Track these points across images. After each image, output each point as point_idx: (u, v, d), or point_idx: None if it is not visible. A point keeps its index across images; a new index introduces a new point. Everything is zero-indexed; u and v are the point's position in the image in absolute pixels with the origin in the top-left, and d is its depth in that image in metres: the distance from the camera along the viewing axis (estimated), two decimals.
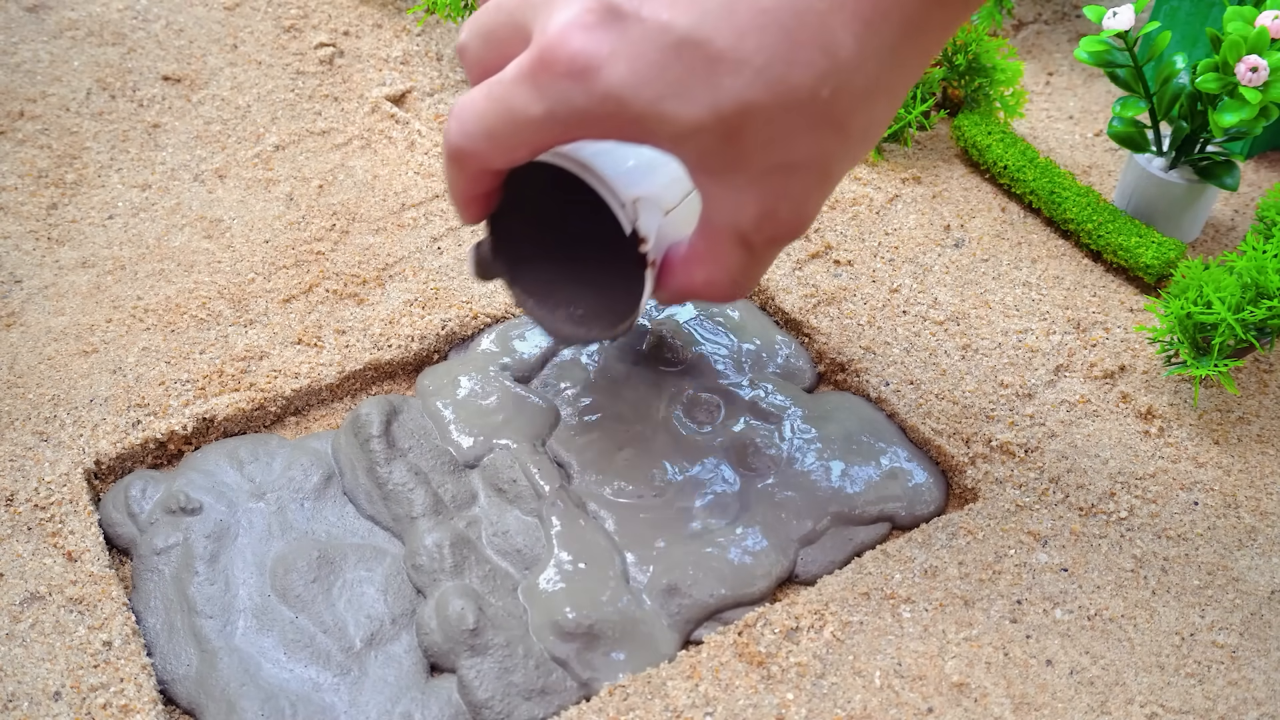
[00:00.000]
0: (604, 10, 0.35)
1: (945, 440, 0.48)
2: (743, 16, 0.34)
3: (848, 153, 0.37)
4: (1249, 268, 0.48)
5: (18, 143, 0.61)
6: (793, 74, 0.34)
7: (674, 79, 0.34)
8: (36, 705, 0.38)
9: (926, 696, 0.39)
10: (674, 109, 0.34)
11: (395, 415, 0.47)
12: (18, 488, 0.44)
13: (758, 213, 0.37)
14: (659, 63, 0.34)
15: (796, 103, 0.34)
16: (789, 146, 0.35)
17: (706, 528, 0.45)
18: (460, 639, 0.40)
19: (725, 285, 0.40)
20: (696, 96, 0.34)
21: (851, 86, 0.35)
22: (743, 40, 0.34)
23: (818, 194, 0.38)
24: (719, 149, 0.35)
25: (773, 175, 0.36)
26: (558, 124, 0.36)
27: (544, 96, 0.35)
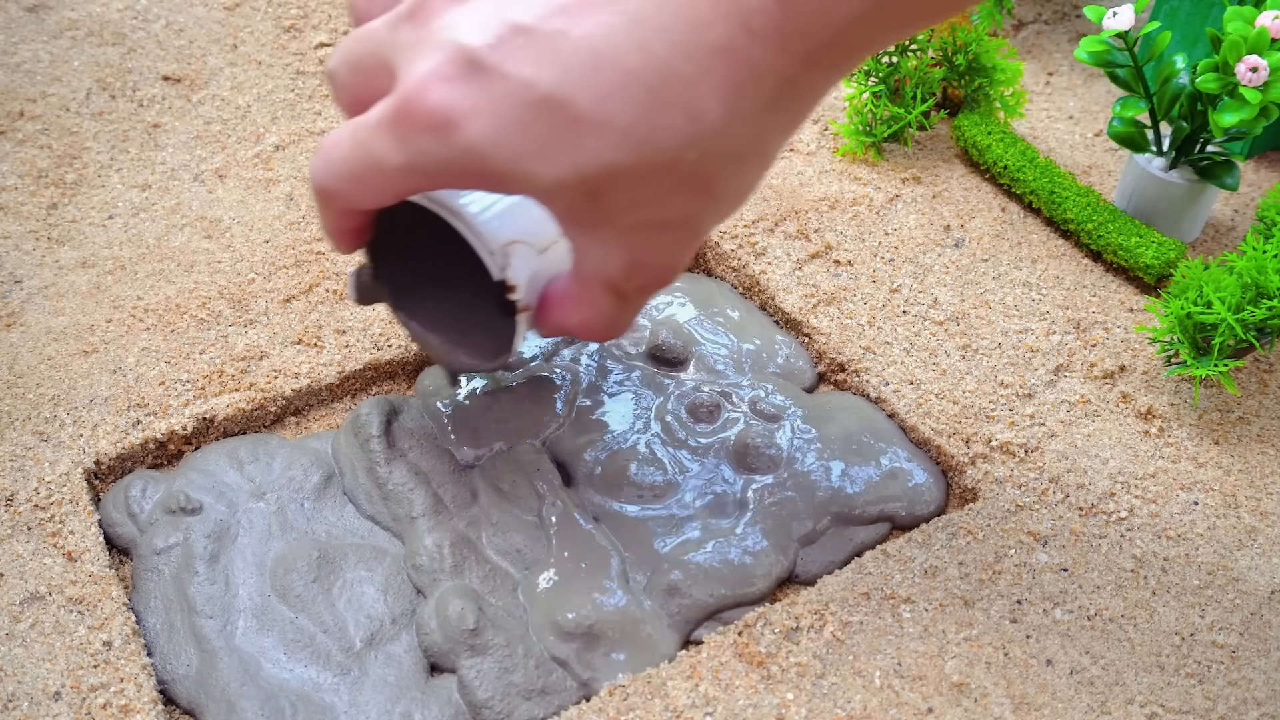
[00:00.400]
0: (465, 62, 0.34)
1: (945, 440, 0.48)
2: (607, 77, 0.33)
3: (716, 211, 0.36)
4: (1249, 268, 0.48)
5: (18, 143, 0.61)
6: (657, 137, 0.33)
7: (536, 138, 0.34)
8: (36, 705, 0.38)
9: (926, 696, 0.39)
10: (536, 168, 0.34)
11: (395, 415, 0.47)
12: (18, 488, 0.44)
13: (625, 264, 0.37)
14: (521, 120, 0.33)
15: (661, 165, 0.34)
16: (655, 206, 0.35)
17: (706, 528, 0.45)
18: (460, 639, 0.40)
19: (599, 328, 0.40)
20: (559, 157, 0.34)
21: (719, 151, 0.34)
22: (606, 102, 0.33)
23: (686, 248, 0.38)
24: (583, 206, 0.35)
25: (639, 231, 0.36)
26: (418, 174, 0.35)
27: (404, 147, 0.35)
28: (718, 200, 0.36)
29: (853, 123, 0.64)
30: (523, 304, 0.40)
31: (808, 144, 0.65)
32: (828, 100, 0.69)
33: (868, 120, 0.64)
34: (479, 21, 0.34)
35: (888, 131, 0.63)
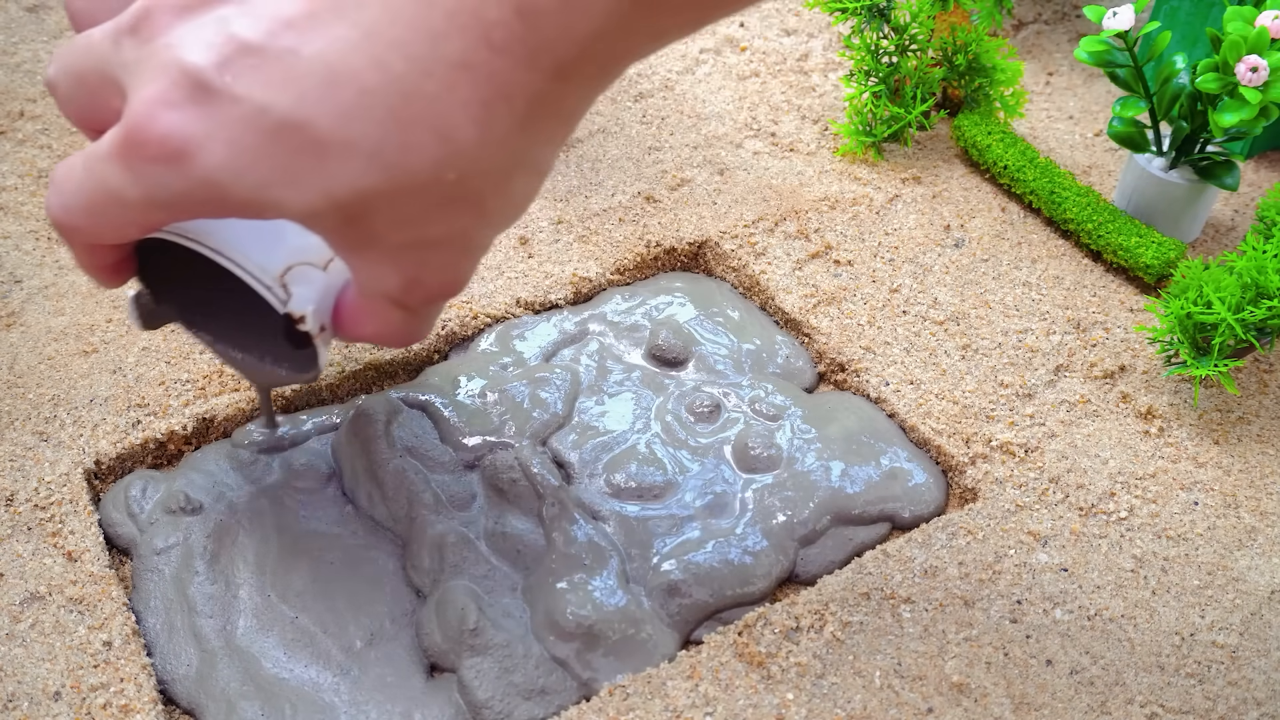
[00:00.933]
0: (191, 86, 0.31)
1: (945, 440, 0.48)
2: (345, 98, 0.31)
3: (488, 226, 0.35)
4: (1249, 268, 0.48)
5: (18, 143, 0.61)
6: (409, 160, 0.32)
7: (279, 165, 0.31)
8: (36, 705, 0.38)
9: (926, 696, 0.39)
10: (283, 196, 0.32)
11: (395, 415, 0.47)
12: (18, 488, 0.44)
13: (403, 282, 0.35)
14: (259, 148, 0.31)
15: (419, 187, 0.32)
16: (421, 226, 0.33)
17: (706, 528, 0.45)
18: (460, 639, 0.40)
19: (395, 338, 0.38)
20: (307, 183, 0.32)
21: (479, 167, 0.32)
22: (347, 124, 0.31)
23: (464, 262, 0.36)
24: (345, 230, 0.33)
25: (410, 250, 0.34)
26: (159, 207, 0.33)
27: (139, 180, 0.32)
28: (487, 215, 0.34)
29: (853, 123, 0.64)
30: (315, 329, 0.37)
31: (808, 144, 0.65)
32: (828, 100, 0.69)
33: (868, 120, 0.64)
34: (204, 40, 0.32)
35: (888, 131, 0.63)
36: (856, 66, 0.64)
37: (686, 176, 0.62)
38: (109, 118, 0.34)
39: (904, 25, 0.63)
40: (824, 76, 0.71)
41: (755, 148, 0.64)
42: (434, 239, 0.34)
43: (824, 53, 0.73)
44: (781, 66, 0.71)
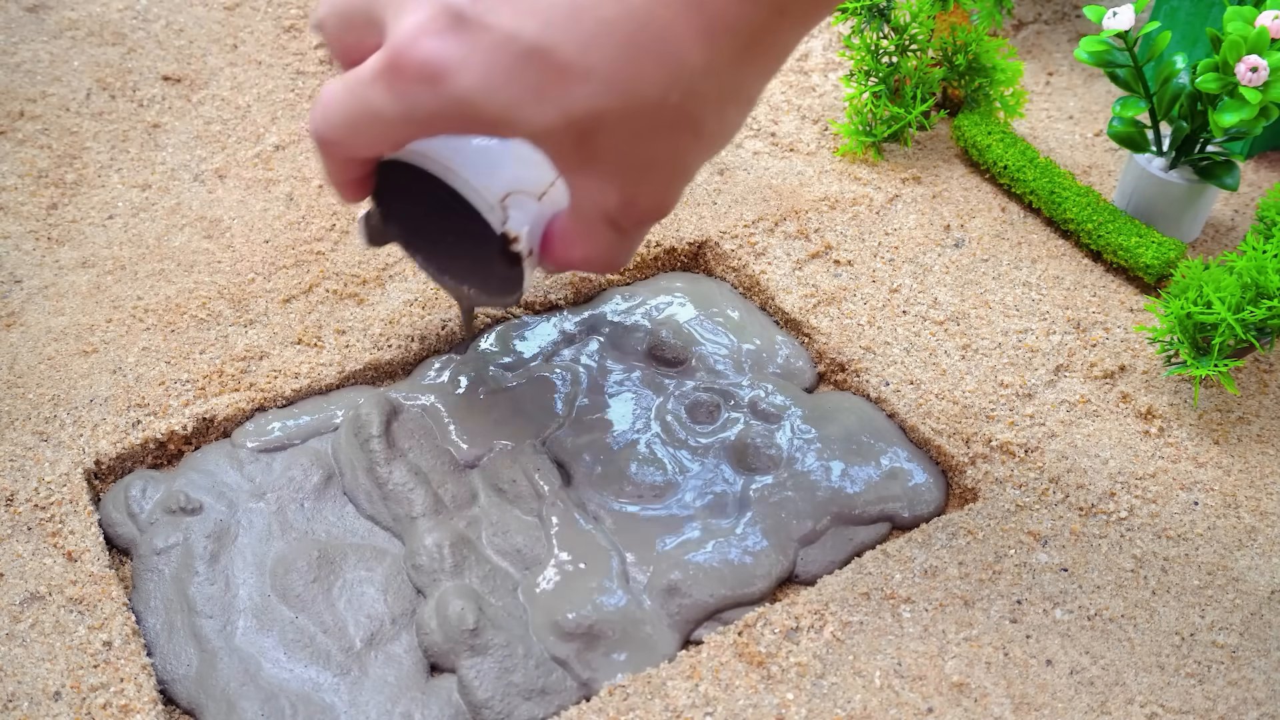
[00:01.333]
0: (450, 17, 0.35)
1: (945, 440, 0.48)
2: (586, 26, 0.35)
3: (702, 150, 0.38)
4: (1249, 268, 0.48)
5: (18, 143, 0.61)
6: (640, 85, 0.35)
7: (525, 86, 0.35)
8: (36, 705, 0.38)
9: (926, 696, 0.39)
10: (526, 115, 0.35)
11: (395, 415, 0.47)
12: (18, 488, 0.44)
13: (619, 201, 0.38)
14: (508, 70, 0.35)
15: (646, 109, 0.35)
16: (642, 147, 0.37)
17: (706, 528, 0.45)
18: (460, 639, 0.40)
19: (601, 261, 0.42)
20: (548, 103, 0.35)
21: (700, 93, 0.36)
22: (588, 51, 0.35)
23: (676, 184, 0.39)
24: (574, 149, 0.36)
25: (629, 170, 0.38)
26: (413, 123, 0.37)
27: (398, 99, 0.36)
28: (702, 139, 0.37)
29: (853, 123, 0.64)
30: (525, 250, 0.41)
31: (808, 144, 0.65)
32: (828, 100, 0.69)
33: (868, 120, 0.64)
34: None
35: (888, 131, 0.63)
36: (856, 66, 0.64)
37: None
38: (368, 53, 0.38)
39: (904, 25, 0.63)
40: (824, 76, 0.71)
41: (755, 148, 0.64)
42: (652, 159, 0.37)
43: (824, 53, 0.73)
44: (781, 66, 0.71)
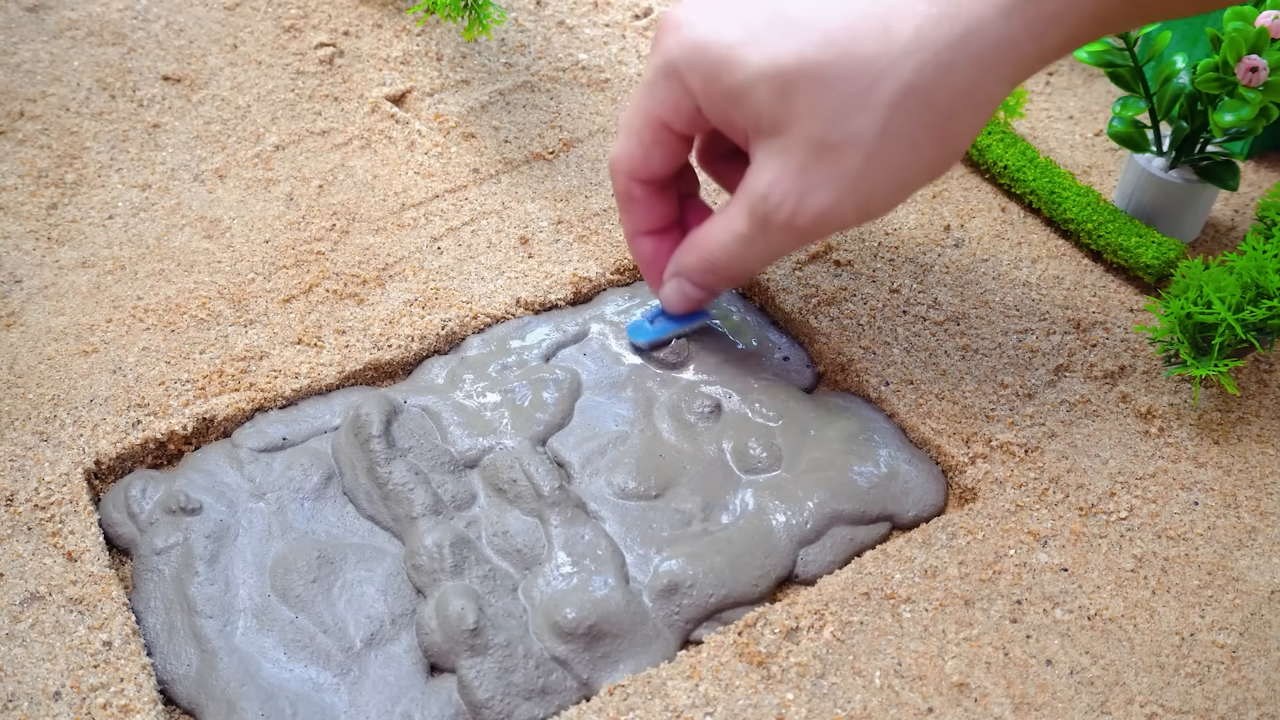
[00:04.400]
0: (704, 2, 0.41)
1: (945, 440, 0.48)
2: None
3: (884, 152, 0.39)
4: (1249, 268, 0.48)
5: (18, 143, 0.61)
6: (854, 44, 0.37)
7: (752, 30, 0.39)
8: (36, 705, 0.38)
9: (926, 696, 0.39)
10: (745, 54, 0.39)
11: (395, 415, 0.47)
12: (18, 488, 0.44)
13: (782, 182, 0.40)
14: (743, 19, 0.39)
15: (849, 71, 0.37)
16: (833, 118, 0.38)
17: (706, 528, 0.45)
18: (460, 639, 0.40)
19: (724, 256, 0.44)
20: (765, 44, 0.38)
21: (900, 69, 0.37)
22: (818, 10, 0.38)
23: (849, 192, 0.40)
24: (772, 105, 0.39)
25: (809, 147, 0.39)
26: (661, 78, 0.42)
27: (653, 55, 0.42)
28: (888, 132, 0.38)
29: None
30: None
31: None
32: None
33: None
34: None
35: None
36: None
37: None
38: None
39: None
40: None
41: None
42: (837, 140, 0.39)
43: None
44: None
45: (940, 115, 0.39)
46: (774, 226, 0.41)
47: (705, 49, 0.40)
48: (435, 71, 0.68)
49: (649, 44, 0.72)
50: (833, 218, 0.41)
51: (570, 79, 0.68)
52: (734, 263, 0.44)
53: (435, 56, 0.69)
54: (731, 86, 0.40)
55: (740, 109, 0.40)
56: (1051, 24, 0.38)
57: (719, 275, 0.46)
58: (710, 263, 0.45)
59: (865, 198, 0.40)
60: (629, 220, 0.48)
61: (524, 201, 0.60)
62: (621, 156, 0.45)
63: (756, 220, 0.42)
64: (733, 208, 0.43)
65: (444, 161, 0.62)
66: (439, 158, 0.62)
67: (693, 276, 0.47)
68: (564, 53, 0.70)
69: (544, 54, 0.70)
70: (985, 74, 0.38)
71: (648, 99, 0.43)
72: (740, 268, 0.45)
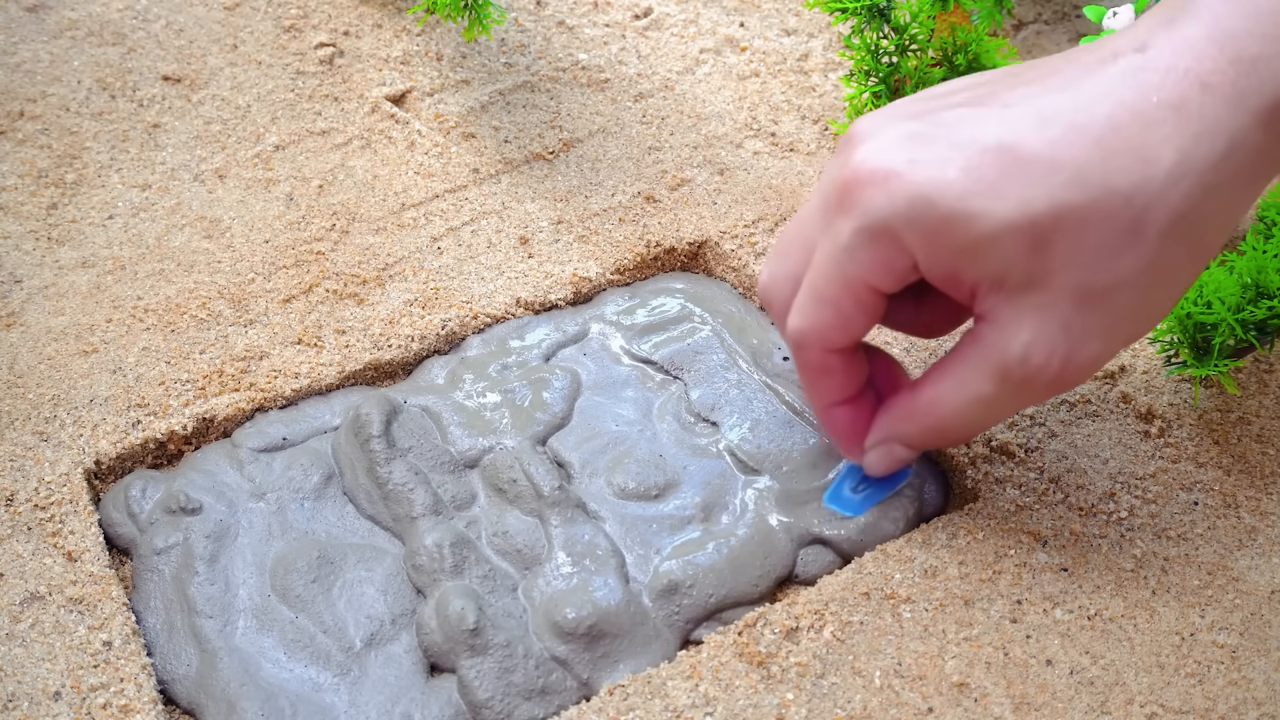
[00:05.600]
0: (902, 135, 0.35)
1: None
2: (1053, 129, 0.33)
3: (1153, 287, 0.35)
4: (1249, 267, 0.48)
5: (18, 143, 0.61)
6: (1110, 179, 0.33)
7: (983, 177, 0.33)
8: (36, 705, 0.38)
9: (926, 696, 0.39)
10: (984, 206, 0.33)
11: (395, 415, 0.47)
12: (18, 488, 0.44)
13: (1037, 344, 0.35)
14: (967, 164, 0.34)
15: (1112, 210, 0.33)
16: (1097, 263, 0.34)
17: (706, 528, 0.45)
18: (460, 639, 0.40)
19: (959, 427, 0.39)
20: (1008, 194, 0.33)
21: (1168, 199, 0.33)
22: (1056, 146, 0.33)
23: (1119, 335, 0.36)
24: (1023, 259, 0.34)
25: (1069, 300, 0.35)
26: (867, 240, 0.35)
27: (850, 215, 0.35)
28: (1156, 265, 0.34)
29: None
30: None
31: (807, 144, 0.65)
32: (828, 100, 0.69)
33: None
34: (913, 131, 0.35)
35: None
36: (856, 66, 0.64)
37: (686, 176, 0.62)
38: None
39: (904, 25, 0.63)
40: (824, 76, 0.71)
41: (755, 148, 0.65)
42: (1103, 286, 0.34)
43: (824, 53, 0.73)
44: (781, 66, 0.71)
45: (1203, 238, 0.35)
46: (1035, 386, 0.37)
47: (929, 204, 0.34)
48: (435, 71, 0.68)
49: (649, 44, 0.71)
50: (1101, 364, 0.37)
51: (570, 79, 0.68)
52: (971, 427, 0.40)
53: (435, 56, 0.69)
54: (966, 243, 0.34)
55: (978, 265, 0.35)
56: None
57: (947, 440, 0.42)
58: (939, 429, 0.40)
59: (1133, 335, 0.37)
60: (823, 394, 0.42)
61: (524, 201, 0.60)
62: (816, 329, 0.39)
63: (1011, 384, 0.37)
64: (967, 370, 0.38)
65: (444, 161, 0.62)
66: (439, 158, 0.62)
67: (911, 442, 0.42)
68: (564, 53, 0.70)
69: (544, 54, 0.70)
70: (1245, 187, 0.35)
71: (849, 264, 0.36)
72: (977, 431, 0.41)
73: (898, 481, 0.45)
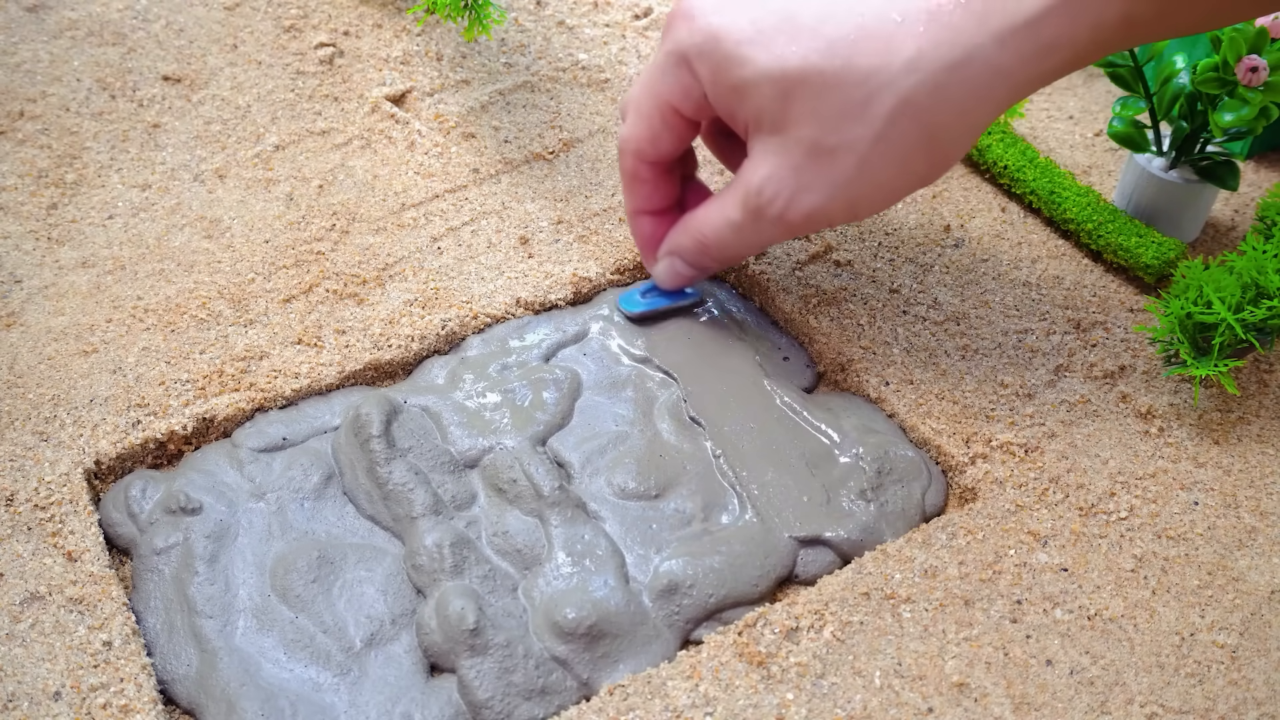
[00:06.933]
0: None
1: (945, 440, 0.48)
2: (833, 6, 0.40)
3: (875, 161, 0.41)
4: (1249, 268, 0.48)
5: (18, 143, 0.61)
6: (856, 57, 0.39)
7: (763, 30, 0.40)
8: (36, 705, 0.38)
9: (926, 696, 0.39)
10: (752, 53, 0.40)
11: (395, 415, 0.47)
12: (18, 488, 0.44)
13: (774, 176, 0.42)
14: (754, 18, 0.41)
15: (850, 82, 0.39)
16: (829, 124, 0.40)
17: (706, 528, 0.45)
18: (460, 639, 0.40)
19: (715, 242, 0.46)
20: (773, 47, 0.40)
21: (898, 85, 0.39)
22: (825, 22, 0.40)
23: (838, 194, 0.42)
24: (773, 105, 0.40)
25: (807, 150, 0.41)
26: (671, 64, 0.43)
27: (665, 40, 0.44)
28: (884, 141, 0.40)
29: None
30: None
31: None
32: None
33: None
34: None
35: None
36: None
37: None
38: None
39: None
40: None
41: None
42: (831, 145, 0.41)
43: None
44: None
45: (931, 132, 0.41)
46: (765, 219, 0.44)
47: (716, 41, 0.41)
48: (435, 71, 0.68)
49: (649, 44, 0.72)
50: (820, 216, 0.43)
51: (570, 79, 0.68)
52: (724, 247, 0.47)
53: (435, 56, 0.69)
54: (736, 82, 0.41)
55: (743, 104, 0.42)
56: (1047, 52, 0.39)
57: (709, 256, 0.48)
58: (702, 244, 0.47)
59: (853, 201, 0.43)
60: (632, 199, 0.50)
61: (524, 201, 0.60)
62: (630, 137, 0.47)
63: (749, 211, 0.44)
64: (727, 196, 0.45)
65: (444, 161, 0.62)
66: (439, 158, 0.62)
67: (685, 255, 0.49)
68: (564, 53, 0.70)
69: (544, 54, 0.70)
70: (977, 98, 0.40)
71: (658, 83, 0.44)
72: (730, 252, 0.48)
73: (681, 298, 0.53)
